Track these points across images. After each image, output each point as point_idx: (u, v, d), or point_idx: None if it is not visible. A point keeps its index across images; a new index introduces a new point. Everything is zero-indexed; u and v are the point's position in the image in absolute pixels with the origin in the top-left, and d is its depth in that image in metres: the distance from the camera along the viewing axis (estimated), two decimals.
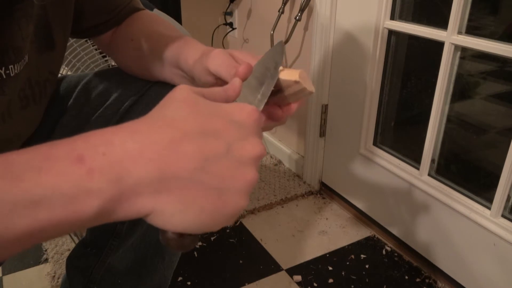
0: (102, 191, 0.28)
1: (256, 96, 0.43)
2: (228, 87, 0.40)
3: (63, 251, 1.19)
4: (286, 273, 1.15)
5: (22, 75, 0.54)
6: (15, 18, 0.50)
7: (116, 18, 0.68)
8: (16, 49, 0.51)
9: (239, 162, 0.32)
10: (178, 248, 0.32)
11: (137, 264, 0.75)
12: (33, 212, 0.27)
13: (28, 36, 0.53)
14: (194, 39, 0.62)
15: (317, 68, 1.35)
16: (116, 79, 0.70)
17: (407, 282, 1.12)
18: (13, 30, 0.50)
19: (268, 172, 1.59)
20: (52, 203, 0.27)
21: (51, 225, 0.27)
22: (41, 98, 0.62)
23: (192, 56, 0.57)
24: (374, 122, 1.25)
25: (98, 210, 0.28)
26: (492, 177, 0.98)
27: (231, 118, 0.34)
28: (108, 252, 0.74)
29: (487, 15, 1.00)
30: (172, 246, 0.32)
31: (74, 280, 0.81)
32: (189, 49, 0.59)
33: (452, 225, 1.05)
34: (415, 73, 1.21)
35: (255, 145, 0.34)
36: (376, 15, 1.13)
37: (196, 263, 1.18)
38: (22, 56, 0.53)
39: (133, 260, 0.75)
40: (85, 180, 0.28)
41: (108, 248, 0.73)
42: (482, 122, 1.11)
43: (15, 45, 0.51)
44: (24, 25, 0.52)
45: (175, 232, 0.31)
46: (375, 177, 1.25)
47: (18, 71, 0.53)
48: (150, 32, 0.67)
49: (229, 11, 1.77)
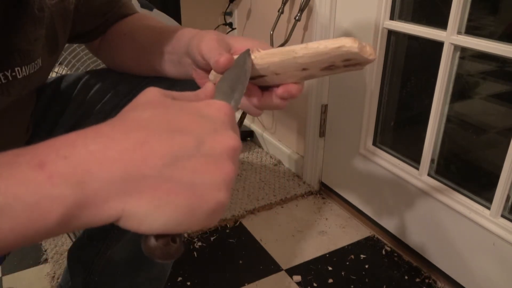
0: (64, 196, 0.27)
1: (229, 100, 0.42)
2: (199, 92, 0.39)
3: (62, 251, 1.19)
4: (286, 273, 1.15)
5: (33, 78, 0.54)
6: (21, 22, 0.51)
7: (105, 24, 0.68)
8: (23, 52, 0.51)
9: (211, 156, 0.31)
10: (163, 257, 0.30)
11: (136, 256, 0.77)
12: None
13: (37, 39, 0.53)
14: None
15: None
16: (114, 76, 0.71)
17: (406, 282, 1.12)
18: (18, 33, 0.50)
19: (267, 172, 1.59)
20: (14, 212, 0.26)
21: (14, 234, 0.26)
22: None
23: (187, 34, 0.57)
24: (373, 122, 1.25)
25: (62, 216, 0.27)
26: (491, 177, 0.98)
27: (199, 113, 0.33)
28: (108, 244, 0.75)
29: (486, 15, 1.00)
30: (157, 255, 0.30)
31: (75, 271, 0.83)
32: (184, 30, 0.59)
33: (451, 225, 1.05)
34: (415, 73, 1.21)
35: (227, 138, 0.32)
36: (375, 15, 1.13)
37: (196, 263, 1.18)
38: (32, 59, 0.53)
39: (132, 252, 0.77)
40: (46, 186, 0.27)
41: (108, 240, 0.75)
42: (481, 122, 1.11)
43: (21, 48, 0.51)
44: (31, 29, 0.52)
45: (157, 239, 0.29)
46: (375, 177, 1.25)
47: (27, 73, 0.52)
48: (143, 25, 0.67)
49: (229, 11, 1.77)
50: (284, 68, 0.46)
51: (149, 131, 0.30)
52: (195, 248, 1.23)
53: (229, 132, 0.33)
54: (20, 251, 1.20)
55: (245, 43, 0.50)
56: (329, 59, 0.43)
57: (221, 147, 0.31)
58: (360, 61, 0.42)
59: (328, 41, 0.41)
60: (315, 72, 0.45)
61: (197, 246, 1.24)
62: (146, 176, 0.28)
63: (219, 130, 0.32)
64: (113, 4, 0.68)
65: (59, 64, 1.11)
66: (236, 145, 0.32)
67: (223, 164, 0.31)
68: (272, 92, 0.50)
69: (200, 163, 0.30)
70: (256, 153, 1.73)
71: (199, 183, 0.29)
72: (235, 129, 0.35)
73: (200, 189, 0.29)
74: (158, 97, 0.35)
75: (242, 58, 0.47)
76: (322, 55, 0.42)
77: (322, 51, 0.42)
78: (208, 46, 0.49)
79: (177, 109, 0.33)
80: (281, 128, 1.66)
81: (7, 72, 0.50)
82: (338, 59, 0.42)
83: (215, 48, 0.49)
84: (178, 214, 0.29)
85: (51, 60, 0.59)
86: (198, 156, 0.30)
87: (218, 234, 1.29)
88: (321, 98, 1.37)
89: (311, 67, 0.45)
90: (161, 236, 0.29)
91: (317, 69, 0.45)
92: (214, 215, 0.30)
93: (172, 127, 0.31)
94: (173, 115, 0.32)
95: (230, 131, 0.33)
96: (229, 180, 0.31)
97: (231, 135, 0.33)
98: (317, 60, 0.43)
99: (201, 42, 0.51)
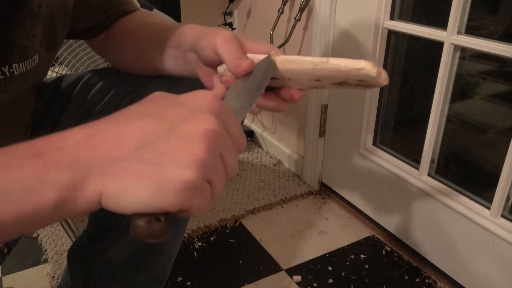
0: (57, 181, 0.29)
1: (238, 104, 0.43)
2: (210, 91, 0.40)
3: (62, 251, 1.19)
4: (286, 273, 1.15)
5: (30, 75, 0.54)
6: (20, 18, 0.51)
7: (107, 21, 0.68)
8: (21, 48, 0.51)
9: (182, 138, 0.32)
10: (147, 236, 0.31)
11: (136, 256, 0.77)
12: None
13: (35, 35, 0.53)
14: None
15: None
16: (114, 76, 0.70)
17: (406, 282, 1.13)
18: (17, 29, 0.50)
19: (267, 172, 1.59)
20: (12, 195, 0.28)
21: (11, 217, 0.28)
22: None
23: (194, 30, 0.57)
24: (373, 122, 1.25)
25: (56, 200, 0.29)
26: (491, 177, 0.98)
27: (181, 103, 0.35)
28: (108, 244, 0.76)
29: (486, 15, 1.00)
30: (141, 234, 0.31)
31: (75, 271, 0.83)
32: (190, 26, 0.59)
33: (451, 225, 1.05)
34: (415, 73, 1.21)
35: (202, 121, 0.33)
36: (375, 15, 1.13)
37: (196, 263, 1.18)
38: (29, 55, 0.53)
39: (132, 252, 0.77)
40: (42, 172, 0.29)
41: (108, 241, 0.75)
42: (481, 122, 1.11)
43: (19, 44, 0.51)
44: (29, 25, 0.52)
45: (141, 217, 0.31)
46: (375, 177, 1.25)
47: (23, 70, 0.53)
48: (146, 22, 0.67)
49: (229, 11, 1.77)
50: (299, 76, 0.48)
51: (129, 120, 0.33)
52: (195, 248, 1.23)
53: (206, 116, 0.34)
54: (20, 251, 1.20)
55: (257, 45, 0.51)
56: (345, 77, 0.45)
57: (193, 130, 0.32)
58: (372, 83, 0.44)
59: (349, 60, 0.44)
60: (326, 84, 0.47)
61: (197, 246, 1.24)
62: (119, 158, 0.31)
63: (195, 115, 0.34)
64: (114, 2, 0.67)
65: (59, 64, 1.11)
66: (211, 128, 0.33)
67: (193, 145, 0.31)
68: (274, 94, 0.50)
69: (169, 144, 0.32)
70: (256, 153, 1.74)
71: (165, 163, 0.30)
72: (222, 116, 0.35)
73: (166, 169, 0.30)
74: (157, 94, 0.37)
75: (263, 64, 0.48)
76: (340, 72, 0.44)
77: (341, 69, 0.44)
78: (225, 45, 0.50)
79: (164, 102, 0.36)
80: (281, 128, 1.66)
81: (4, 68, 0.50)
82: (353, 78, 0.45)
83: (233, 50, 0.49)
84: (146, 193, 0.30)
85: (49, 57, 0.59)
86: (168, 138, 0.32)
87: (218, 234, 1.29)
88: (321, 98, 1.37)
89: (324, 80, 0.47)
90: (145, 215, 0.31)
91: (329, 82, 0.47)
92: (185, 195, 0.30)
93: (149, 113, 0.34)
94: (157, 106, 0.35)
95: (208, 115, 0.34)
96: (199, 160, 0.31)
97: (206, 119, 0.33)
98: (333, 75, 0.45)
99: (215, 39, 0.51)
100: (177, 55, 0.59)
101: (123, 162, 0.31)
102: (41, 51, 0.56)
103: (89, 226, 0.81)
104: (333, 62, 0.44)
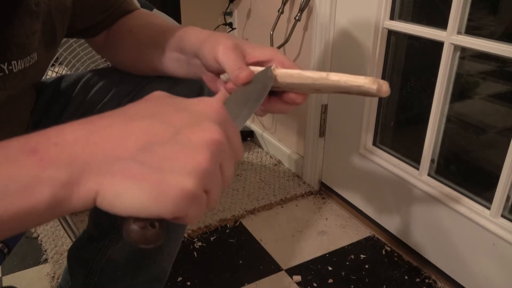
0: (53, 178, 0.29)
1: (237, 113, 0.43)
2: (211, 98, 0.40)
3: (62, 251, 1.19)
4: (286, 273, 1.15)
5: (29, 73, 0.55)
6: (18, 15, 0.51)
7: (107, 20, 0.68)
8: (19, 46, 0.52)
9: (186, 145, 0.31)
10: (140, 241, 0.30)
11: (136, 256, 0.77)
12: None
13: (34, 33, 0.53)
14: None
15: (317, 68, 1.35)
16: (115, 76, 0.71)
17: (406, 282, 1.13)
18: (15, 26, 0.51)
19: (267, 172, 1.59)
20: (9, 192, 0.28)
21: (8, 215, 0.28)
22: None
23: (196, 35, 0.57)
24: (373, 122, 1.25)
25: (52, 197, 0.29)
26: (491, 177, 0.98)
27: (186, 108, 0.34)
28: (108, 244, 0.76)
29: (486, 15, 1.00)
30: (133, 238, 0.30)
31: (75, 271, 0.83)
32: (192, 30, 0.59)
33: (451, 225, 1.05)
34: (415, 73, 1.21)
35: (207, 130, 0.32)
36: (375, 15, 1.13)
37: (196, 263, 1.18)
38: (28, 53, 0.53)
39: (132, 252, 0.77)
40: (38, 169, 0.29)
41: (108, 241, 0.76)
42: (481, 122, 1.11)
43: (18, 42, 0.51)
44: (28, 22, 0.52)
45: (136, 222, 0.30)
46: (375, 177, 1.25)
47: (22, 67, 0.53)
48: (148, 22, 0.67)
49: (229, 11, 1.77)
50: (298, 89, 0.49)
51: (132, 120, 0.32)
52: (195, 248, 1.23)
53: (211, 125, 0.33)
54: (20, 251, 1.20)
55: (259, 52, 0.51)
56: (345, 90, 0.46)
57: (198, 138, 0.32)
58: (373, 95, 0.45)
59: (349, 76, 0.44)
60: (327, 92, 0.49)
61: (197, 246, 1.24)
62: (120, 158, 0.30)
63: (200, 122, 0.33)
64: (114, 1, 0.68)
65: (59, 64, 1.11)
66: (216, 138, 0.32)
67: (196, 154, 0.31)
68: (278, 98, 0.51)
69: (173, 150, 0.31)
70: (256, 153, 1.74)
71: (167, 169, 0.30)
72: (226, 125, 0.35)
73: (167, 175, 0.30)
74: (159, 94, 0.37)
75: (262, 75, 0.48)
76: (340, 87, 0.45)
77: (341, 85, 0.45)
78: (225, 55, 0.50)
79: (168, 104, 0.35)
80: (281, 128, 1.66)
81: (3, 65, 0.51)
82: (355, 90, 0.45)
83: (234, 60, 0.49)
84: (144, 198, 0.29)
85: (48, 55, 0.59)
86: (172, 144, 0.31)
87: (218, 234, 1.29)
88: (321, 98, 1.37)
89: (325, 90, 0.48)
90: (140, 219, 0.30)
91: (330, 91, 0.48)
92: (183, 203, 0.30)
93: (154, 115, 0.33)
94: (161, 108, 0.34)
95: (213, 124, 0.33)
96: (201, 170, 0.30)
97: (211, 128, 0.33)
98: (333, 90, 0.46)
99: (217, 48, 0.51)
100: (182, 59, 0.60)
101: (124, 162, 0.30)
102: (40, 49, 0.56)
103: (89, 226, 0.81)
104: (333, 78, 0.45)
